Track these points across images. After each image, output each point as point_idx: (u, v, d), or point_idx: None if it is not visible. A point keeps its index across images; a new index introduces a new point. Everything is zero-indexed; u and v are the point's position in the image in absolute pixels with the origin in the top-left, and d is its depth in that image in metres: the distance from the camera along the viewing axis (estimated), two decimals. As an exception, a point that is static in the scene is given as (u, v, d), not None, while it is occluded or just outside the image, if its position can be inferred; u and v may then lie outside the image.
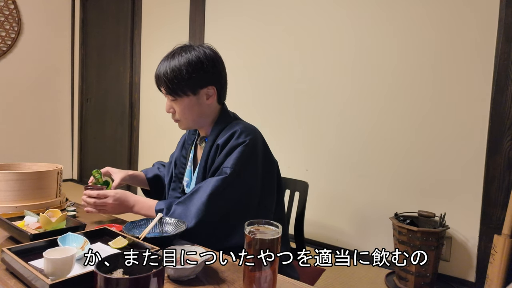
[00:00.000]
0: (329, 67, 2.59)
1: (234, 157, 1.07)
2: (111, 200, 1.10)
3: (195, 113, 1.15)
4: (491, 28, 2.01)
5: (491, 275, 1.87)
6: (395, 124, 2.34)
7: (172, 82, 1.09)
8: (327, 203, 2.61)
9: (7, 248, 0.82)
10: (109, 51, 4.25)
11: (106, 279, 0.59)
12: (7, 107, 4.01)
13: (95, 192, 1.11)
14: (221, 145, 1.10)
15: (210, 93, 1.14)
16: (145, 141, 3.95)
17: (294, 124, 2.76)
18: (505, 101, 1.97)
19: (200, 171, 1.15)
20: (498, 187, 2.00)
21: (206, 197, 1.03)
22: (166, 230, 1.05)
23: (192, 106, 1.13)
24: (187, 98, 1.12)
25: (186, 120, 1.16)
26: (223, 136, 1.12)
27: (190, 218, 1.03)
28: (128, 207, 1.13)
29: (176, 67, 1.08)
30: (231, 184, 1.05)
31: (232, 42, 3.08)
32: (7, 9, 3.90)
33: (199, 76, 1.10)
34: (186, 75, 1.08)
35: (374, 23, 2.39)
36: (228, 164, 1.06)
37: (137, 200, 1.14)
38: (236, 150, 1.08)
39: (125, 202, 1.12)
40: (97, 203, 1.10)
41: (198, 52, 1.11)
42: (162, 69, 1.11)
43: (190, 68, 1.08)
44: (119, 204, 1.11)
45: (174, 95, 1.11)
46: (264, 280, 0.73)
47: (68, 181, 4.69)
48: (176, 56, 1.10)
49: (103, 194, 1.10)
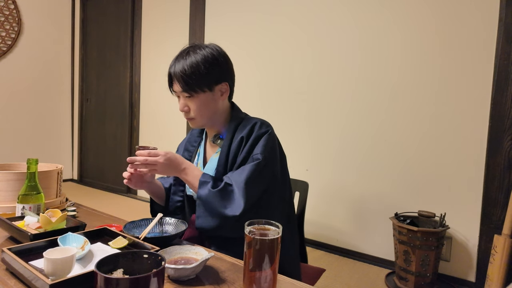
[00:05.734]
0: (330, 66, 2.59)
1: (261, 145, 1.10)
2: (162, 159, 1.05)
3: (211, 110, 1.16)
4: (491, 28, 2.01)
5: (491, 275, 1.87)
6: (395, 125, 2.34)
7: (191, 78, 1.09)
8: (327, 203, 2.61)
9: (7, 248, 0.82)
10: (109, 51, 4.25)
11: (106, 279, 0.59)
12: (7, 107, 4.01)
13: (146, 151, 1.06)
14: (246, 137, 1.13)
15: (223, 90, 1.17)
16: (145, 141, 3.95)
17: (294, 124, 2.76)
18: (505, 101, 1.97)
19: (220, 166, 1.14)
20: (498, 187, 2.00)
21: (244, 182, 1.03)
22: (166, 230, 1.05)
23: (208, 102, 1.14)
24: (203, 95, 1.12)
25: (202, 117, 1.16)
26: (243, 129, 1.14)
27: (238, 202, 1.02)
28: (178, 169, 1.09)
29: (193, 63, 1.09)
30: (264, 169, 1.08)
31: (232, 42, 3.08)
32: (7, 9, 3.90)
33: (215, 72, 1.12)
34: (204, 71, 1.10)
35: (377, 24, 2.39)
36: (258, 151, 1.10)
37: (188, 165, 1.11)
38: (262, 138, 1.12)
39: (176, 163, 1.09)
40: (149, 161, 1.05)
41: (211, 49, 1.13)
42: (178, 67, 1.11)
43: (207, 64, 1.10)
44: (169, 164, 1.07)
45: (191, 92, 1.11)
46: (264, 280, 0.73)
47: (68, 181, 4.69)
48: (191, 53, 1.12)
49: (154, 153, 1.06)
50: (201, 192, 1.05)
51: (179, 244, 0.90)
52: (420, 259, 1.97)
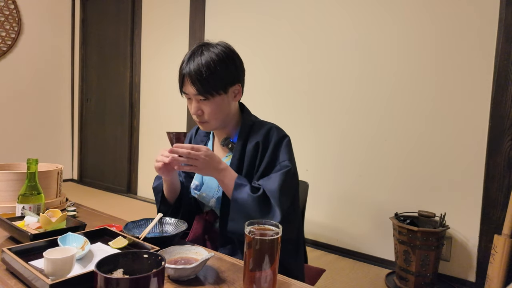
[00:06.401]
0: (330, 66, 2.59)
1: (286, 151, 1.09)
2: (204, 155, 0.99)
3: (224, 113, 1.11)
4: (491, 28, 2.01)
5: (491, 275, 1.87)
6: (395, 124, 2.34)
7: (207, 81, 1.03)
8: (327, 203, 2.61)
9: (7, 248, 0.82)
10: (109, 51, 4.25)
11: (106, 279, 0.59)
12: (7, 107, 4.01)
13: (190, 145, 1.00)
14: (262, 142, 1.10)
15: (236, 91, 1.12)
16: (145, 141, 3.95)
17: (293, 124, 2.76)
18: (505, 101, 1.97)
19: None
20: (498, 187, 2.00)
21: (278, 191, 1.01)
22: (166, 230, 1.05)
23: (223, 105, 1.09)
24: (219, 97, 1.07)
25: (216, 121, 1.11)
26: (257, 134, 1.11)
27: (275, 211, 1.00)
28: (217, 168, 1.03)
29: (210, 64, 1.03)
30: (293, 177, 1.08)
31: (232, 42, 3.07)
32: (7, 9, 3.90)
33: (230, 73, 1.08)
34: (221, 72, 1.05)
35: (376, 24, 2.39)
36: (285, 158, 1.08)
37: (226, 165, 1.06)
38: (283, 144, 1.10)
39: (215, 161, 1.03)
40: (191, 155, 0.98)
41: (223, 47, 1.09)
42: (193, 68, 1.04)
43: (224, 65, 1.05)
44: (209, 161, 1.00)
45: (207, 95, 1.05)
46: (264, 280, 0.73)
47: (68, 181, 4.69)
48: (205, 53, 1.05)
49: (197, 148, 1.00)
50: (238, 195, 1.00)
51: (179, 244, 0.90)
52: (420, 259, 1.97)
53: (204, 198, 1.17)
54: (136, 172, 4.02)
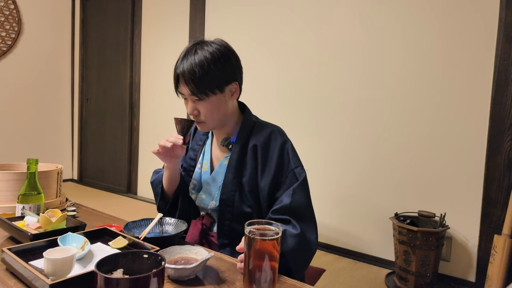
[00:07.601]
0: (334, 67, 2.59)
1: (294, 155, 1.10)
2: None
3: (221, 113, 1.09)
4: (491, 28, 2.01)
5: (491, 275, 1.87)
6: (395, 125, 2.34)
7: (201, 81, 1.01)
8: (327, 203, 2.61)
9: (7, 248, 0.82)
10: (109, 51, 4.25)
11: (106, 279, 0.59)
12: (7, 107, 4.01)
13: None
14: (261, 146, 1.09)
15: (233, 90, 1.10)
16: (145, 141, 3.95)
17: (294, 124, 2.75)
18: (505, 101, 1.97)
19: (230, 172, 1.09)
20: (498, 187, 2.00)
21: (309, 209, 1.06)
22: (166, 230, 1.05)
23: (219, 105, 1.07)
24: (214, 97, 1.04)
25: (213, 121, 1.09)
26: (257, 136, 1.11)
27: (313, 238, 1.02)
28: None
29: (203, 63, 1.01)
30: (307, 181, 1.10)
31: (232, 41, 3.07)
32: (7, 9, 3.90)
33: (225, 71, 1.05)
34: (215, 71, 1.02)
35: (378, 25, 2.39)
36: (297, 164, 1.10)
37: None
38: (288, 148, 1.10)
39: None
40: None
41: (218, 45, 1.06)
42: (186, 68, 1.02)
43: (218, 63, 1.02)
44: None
45: (201, 95, 1.02)
46: (264, 280, 0.73)
47: (68, 181, 4.69)
48: (198, 52, 1.03)
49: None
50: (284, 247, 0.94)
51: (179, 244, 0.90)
52: (420, 259, 1.97)
53: (204, 200, 1.15)
54: (136, 172, 4.02)
